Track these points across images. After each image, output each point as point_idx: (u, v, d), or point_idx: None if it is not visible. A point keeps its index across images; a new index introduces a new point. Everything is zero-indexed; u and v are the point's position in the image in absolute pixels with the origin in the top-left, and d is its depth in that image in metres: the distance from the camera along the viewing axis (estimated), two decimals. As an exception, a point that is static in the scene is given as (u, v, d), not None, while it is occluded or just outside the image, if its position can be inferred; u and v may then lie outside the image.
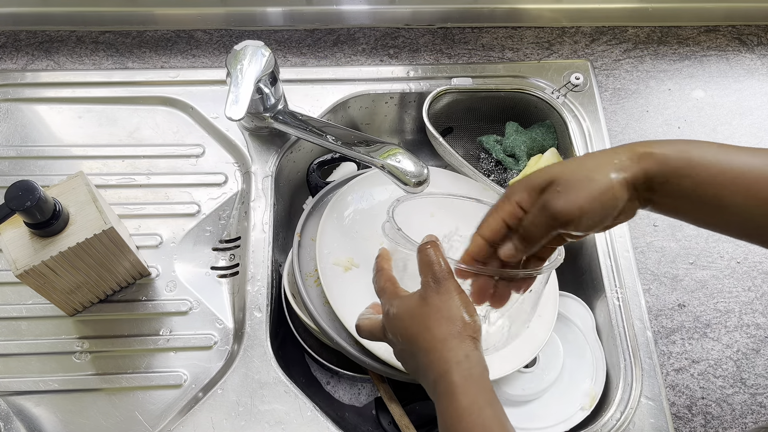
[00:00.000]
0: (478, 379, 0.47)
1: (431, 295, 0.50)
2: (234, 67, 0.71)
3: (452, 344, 0.48)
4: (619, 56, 0.92)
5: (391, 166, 0.65)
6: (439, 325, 0.49)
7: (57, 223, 0.62)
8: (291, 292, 0.74)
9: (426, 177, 0.64)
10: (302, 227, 0.72)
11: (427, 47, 0.91)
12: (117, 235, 0.65)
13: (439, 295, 0.50)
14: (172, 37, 0.91)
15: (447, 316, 0.49)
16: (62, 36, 0.91)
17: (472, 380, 0.47)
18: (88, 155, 0.81)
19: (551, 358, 0.72)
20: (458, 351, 0.48)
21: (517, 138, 0.82)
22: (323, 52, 0.90)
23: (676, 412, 0.69)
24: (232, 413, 0.67)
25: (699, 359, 0.72)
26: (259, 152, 0.81)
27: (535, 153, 0.81)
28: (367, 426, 0.79)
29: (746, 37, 0.94)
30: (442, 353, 0.48)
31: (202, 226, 0.79)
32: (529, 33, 0.93)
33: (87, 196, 0.65)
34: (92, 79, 0.86)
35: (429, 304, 0.50)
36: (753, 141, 0.86)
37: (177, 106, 0.85)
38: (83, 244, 0.63)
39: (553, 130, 0.84)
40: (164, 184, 0.80)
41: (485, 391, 0.47)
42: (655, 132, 0.86)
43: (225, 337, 0.72)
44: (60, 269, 0.64)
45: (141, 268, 0.73)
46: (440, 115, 0.84)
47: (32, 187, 0.59)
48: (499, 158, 0.83)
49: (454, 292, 0.50)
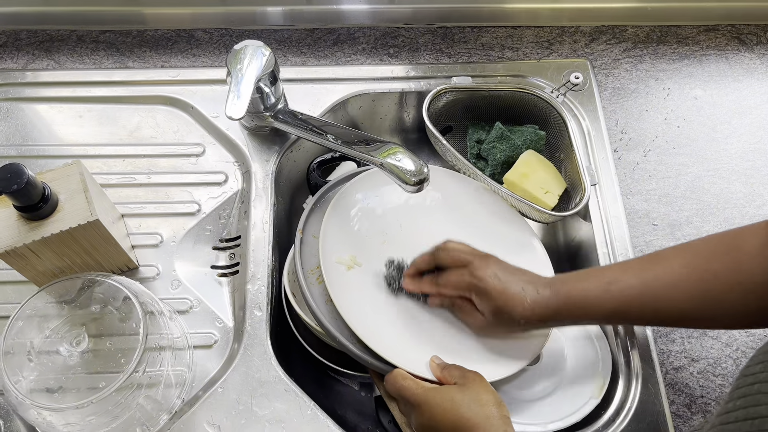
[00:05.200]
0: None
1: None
2: (234, 66, 0.71)
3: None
4: (619, 55, 0.92)
5: (391, 164, 0.65)
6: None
7: (44, 208, 0.63)
8: (291, 290, 0.74)
9: (426, 175, 0.64)
10: (304, 224, 0.71)
11: (426, 47, 0.91)
12: (102, 227, 0.65)
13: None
14: (172, 36, 0.91)
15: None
16: (63, 35, 0.91)
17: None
18: (89, 154, 0.81)
19: (555, 353, 0.72)
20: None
21: (497, 146, 0.81)
22: (323, 51, 0.91)
23: (676, 411, 0.69)
24: (232, 412, 0.67)
25: (698, 358, 0.72)
26: (259, 151, 0.81)
27: (514, 160, 0.81)
28: (367, 424, 0.80)
29: (745, 36, 0.94)
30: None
31: (203, 225, 0.79)
32: (528, 32, 0.93)
33: (79, 185, 0.65)
34: (93, 79, 0.86)
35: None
36: (752, 140, 0.86)
37: (177, 106, 0.85)
38: (67, 232, 0.63)
39: (543, 141, 0.83)
40: (165, 183, 0.80)
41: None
42: (654, 131, 0.86)
43: (225, 335, 0.72)
44: (43, 253, 0.65)
45: (127, 261, 0.73)
46: (440, 114, 0.84)
47: (20, 171, 0.60)
48: (472, 159, 0.84)
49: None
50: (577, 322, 0.62)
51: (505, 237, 0.77)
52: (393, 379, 0.61)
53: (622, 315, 0.60)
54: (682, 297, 0.57)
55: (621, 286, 0.59)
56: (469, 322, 0.66)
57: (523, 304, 0.60)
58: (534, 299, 0.60)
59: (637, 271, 0.59)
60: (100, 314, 0.64)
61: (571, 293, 0.60)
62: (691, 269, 0.57)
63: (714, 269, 0.55)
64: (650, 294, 0.58)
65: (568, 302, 0.60)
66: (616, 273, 0.60)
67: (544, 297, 0.60)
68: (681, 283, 0.57)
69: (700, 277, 0.56)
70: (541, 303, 0.60)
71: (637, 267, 0.60)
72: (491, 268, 0.63)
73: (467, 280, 0.63)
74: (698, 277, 0.56)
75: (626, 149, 0.85)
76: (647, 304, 0.58)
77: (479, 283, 0.62)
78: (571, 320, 0.62)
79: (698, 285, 0.56)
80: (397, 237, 0.74)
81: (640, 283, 0.58)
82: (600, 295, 0.59)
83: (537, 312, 0.60)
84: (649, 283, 0.58)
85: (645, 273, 0.59)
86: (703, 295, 0.56)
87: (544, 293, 0.61)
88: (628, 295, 0.58)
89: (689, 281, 0.56)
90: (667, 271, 0.58)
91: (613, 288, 0.59)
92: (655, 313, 0.59)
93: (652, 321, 0.61)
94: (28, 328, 0.62)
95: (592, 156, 0.82)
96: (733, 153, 0.85)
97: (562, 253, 0.86)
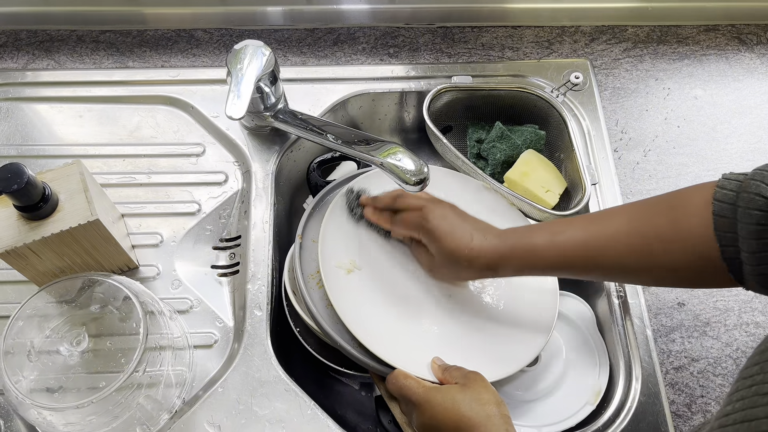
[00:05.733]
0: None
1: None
2: (234, 66, 0.71)
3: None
4: (619, 55, 0.92)
5: (391, 164, 0.65)
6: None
7: (44, 208, 0.63)
8: (292, 290, 0.74)
9: (426, 175, 0.64)
10: (303, 228, 0.71)
11: (426, 46, 0.91)
12: (102, 227, 0.65)
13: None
14: (172, 36, 0.91)
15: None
16: (63, 35, 0.91)
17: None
18: (89, 154, 0.81)
19: (553, 356, 0.72)
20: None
21: (497, 145, 0.81)
22: (323, 51, 0.91)
23: (676, 411, 0.69)
24: (232, 411, 0.67)
25: (698, 358, 0.72)
26: (259, 151, 0.81)
27: (514, 160, 0.81)
28: (367, 424, 0.80)
29: (745, 36, 0.94)
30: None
31: (203, 225, 0.79)
32: (528, 32, 0.93)
33: (79, 185, 0.65)
34: (93, 78, 0.86)
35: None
36: (752, 139, 0.86)
37: (177, 106, 0.85)
38: (67, 232, 0.64)
39: (543, 140, 0.83)
40: (165, 183, 0.80)
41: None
42: (654, 131, 0.86)
43: (225, 335, 0.72)
44: (43, 253, 0.65)
45: (127, 261, 0.73)
46: (440, 113, 0.84)
47: (20, 171, 0.60)
48: (472, 159, 0.84)
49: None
50: (523, 271, 0.63)
51: (506, 237, 0.77)
52: (394, 379, 0.61)
53: (566, 265, 0.62)
54: (623, 250, 0.58)
55: (566, 237, 0.61)
56: (421, 261, 0.69)
57: (469, 246, 0.62)
58: (481, 244, 0.62)
59: (583, 224, 0.61)
60: (100, 314, 0.64)
61: (517, 242, 0.62)
62: (634, 223, 0.58)
63: (655, 223, 0.57)
64: (593, 246, 0.59)
65: (514, 250, 0.62)
66: (562, 226, 0.62)
67: (492, 244, 0.62)
68: (623, 236, 0.58)
69: (642, 231, 0.57)
70: (488, 248, 0.62)
71: (584, 221, 0.62)
72: (441, 211, 0.65)
73: (417, 221, 0.65)
74: (640, 231, 0.58)
75: (626, 149, 0.85)
76: (590, 256, 0.60)
77: (426, 224, 0.64)
78: (517, 268, 0.63)
79: (640, 240, 0.57)
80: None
81: (585, 234, 0.60)
82: (545, 245, 0.61)
83: (482, 257, 0.62)
84: (593, 234, 0.60)
85: (590, 226, 0.61)
86: (644, 249, 0.57)
87: (492, 241, 0.63)
88: (572, 246, 0.60)
89: (630, 235, 0.58)
90: (611, 225, 0.60)
91: (559, 239, 0.61)
92: (596, 265, 0.60)
93: (594, 272, 0.62)
94: (29, 327, 0.62)
95: (592, 156, 0.82)
96: (733, 153, 0.85)
97: (562, 253, 0.86)
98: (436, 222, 0.64)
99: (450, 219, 0.64)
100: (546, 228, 0.63)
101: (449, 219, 0.64)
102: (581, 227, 0.61)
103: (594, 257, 0.60)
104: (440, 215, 0.64)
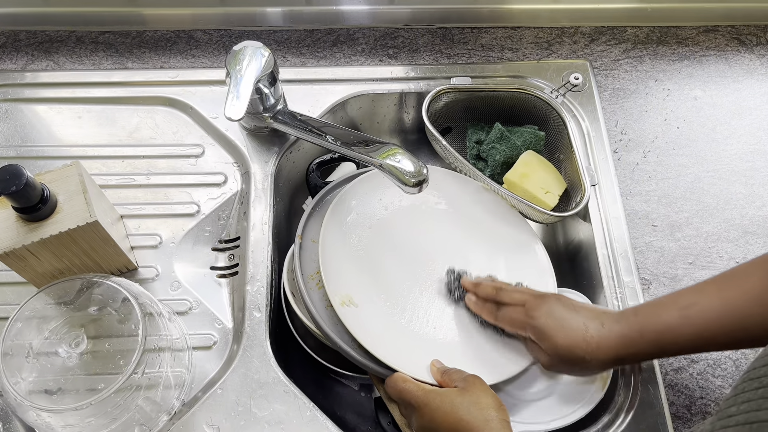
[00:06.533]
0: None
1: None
2: (233, 67, 0.71)
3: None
4: (618, 56, 0.92)
5: (390, 165, 0.65)
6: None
7: (43, 210, 0.63)
8: (291, 290, 0.74)
9: (425, 176, 0.64)
10: (303, 229, 0.71)
11: (426, 47, 0.91)
12: (101, 228, 0.65)
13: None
14: (171, 37, 0.91)
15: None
16: (62, 36, 0.91)
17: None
18: (88, 155, 0.81)
19: None
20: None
21: (497, 146, 0.81)
22: (322, 52, 0.90)
23: (675, 412, 0.69)
24: (231, 413, 0.67)
25: (698, 359, 0.72)
26: (258, 152, 0.81)
27: (514, 161, 0.81)
28: (366, 426, 0.79)
29: (745, 37, 0.94)
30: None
31: (202, 226, 0.79)
32: (528, 33, 0.93)
33: (78, 186, 0.65)
34: (92, 80, 0.86)
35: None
36: (752, 140, 0.86)
37: (176, 107, 0.85)
38: (66, 234, 0.63)
39: (542, 141, 0.83)
40: (164, 184, 0.80)
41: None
42: (654, 132, 0.86)
43: (224, 337, 0.72)
44: (41, 255, 0.64)
45: (126, 262, 0.73)
46: (439, 114, 0.84)
47: (19, 172, 0.60)
48: (471, 160, 0.84)
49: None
50: (656, 355, 0.58)
51: (505, 237, 0.77)
52: (393, 382, 0.61)
53: (707, 342, 0.55)
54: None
55: (699, 309, 0.55)
56: (538, 359, 0.64)
57: (585, 339, 0.57)
58: (600, 334, 0.57)
59: (714, 290, 0.55)
60: (99, 315, 0.64)
61: (645, 325, 0.56)
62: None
63: None
64: (736, 313, 0.53)
65: (643, 334, 0.56)
66: (691, 296, 0.56)
67: (614, 331, 0.57)
68: (767, 294, 0.52)
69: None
70: (609, 337, 0.57)
71: (714, 286, 0.56)
72: (546, 306, 0.61)
73: (522, 319, 0.62)
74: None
75: (626, 150, 0.85)
76: (736, 327, 0.53)
77: (532, 321, 0.60)
78: (649, 354, 0.58)
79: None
80: (397, 238, 0.74)
81: (721, 302, 0.54)
82: (678, 323, 0.55)
83: (604, 346, 0.57)
84: (731, 300, 0.53)
85: (724, 291, 0.54)
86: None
87: (613, 327, 0.57)
88: (711, 318, 0.54)
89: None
90: (748, 285, 0.53)
91: (692, 312, 0.55)
92: (744, 332, 0.53)
93: (743, 343, 0.55)
94: (27, 329, 0.62)
95: (591, 157, 0.82)
96: (732, 154, 0.85)
97: (561, 254, 0.86)
98: (543, 320, 0.60)
99: (557, 312, 0.60)
100: (671, 302, 0.57)
101: (556, 313, 0.60)
102: (714, 294, 0.55)
103: (740, 326, 0.53)
104: (546, 312, 0.60)
